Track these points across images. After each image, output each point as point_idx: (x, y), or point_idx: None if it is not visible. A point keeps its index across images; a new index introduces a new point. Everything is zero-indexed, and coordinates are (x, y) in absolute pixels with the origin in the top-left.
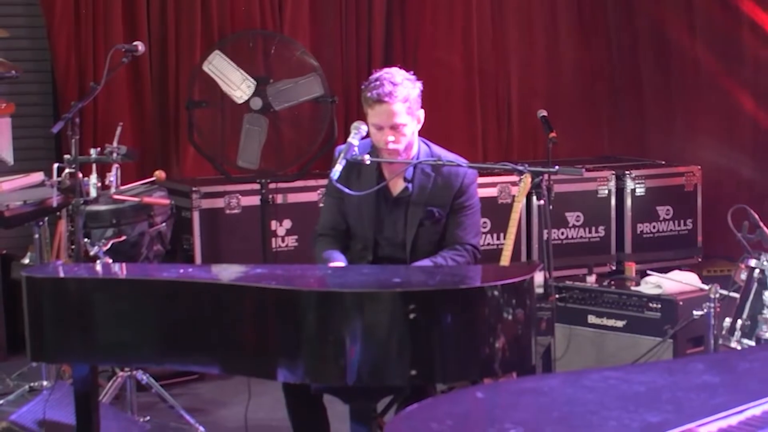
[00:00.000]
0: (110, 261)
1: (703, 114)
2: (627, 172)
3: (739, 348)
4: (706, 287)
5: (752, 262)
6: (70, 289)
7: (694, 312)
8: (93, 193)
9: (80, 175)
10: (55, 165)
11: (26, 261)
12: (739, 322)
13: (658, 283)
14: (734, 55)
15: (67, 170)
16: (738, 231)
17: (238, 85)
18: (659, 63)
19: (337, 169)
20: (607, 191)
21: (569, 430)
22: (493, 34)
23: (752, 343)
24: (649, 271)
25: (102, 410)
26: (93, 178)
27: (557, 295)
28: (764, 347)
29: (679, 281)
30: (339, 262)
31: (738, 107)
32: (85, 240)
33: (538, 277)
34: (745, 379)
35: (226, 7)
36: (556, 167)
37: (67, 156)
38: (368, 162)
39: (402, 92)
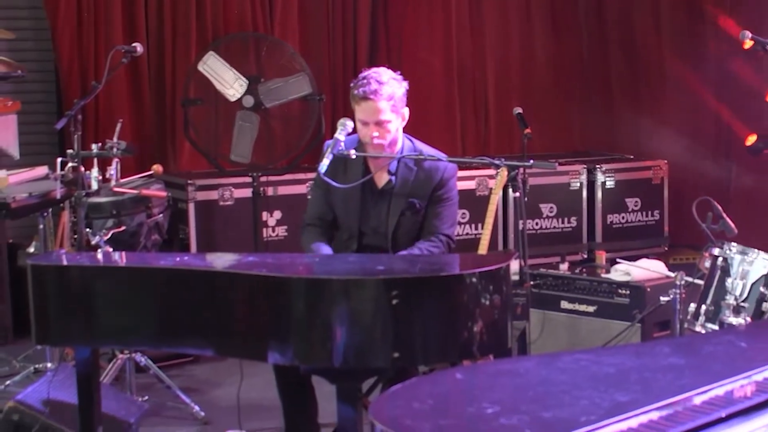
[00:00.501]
0: (110, 250)
1: (669, 111)
2: (597, 166)
3: (703, 332)
4: (672, 274)
5: (716, 251)
6: (73, 276)
7: (661, 298)
8: (94, 185)
9: (82, 168)
10: (59, 159)
11: (31, 250)
12: (704, 307)
13: (627, 271)
14: (698, 56)
15: (69, 164)
16: (702, 221)
17: (231, 84)
18: (628, 63)
19: (324, 163)
20: (578, 184)
21: (543, 409)
22: (471, 36)
23: (716, 327)
24: (618, 259)
25: (103, 390)
26: (94, 172)
27: (532, 282)
28: (727, 331)
29: (647, 269)
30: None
31: (702, 105)
32: (87, 230)
33: (514, 265)
34: (708, 361)
35: (220, 10)
36: (531, 161)
37: (69, 151)
38: (354, 156)
39: (387, 90)
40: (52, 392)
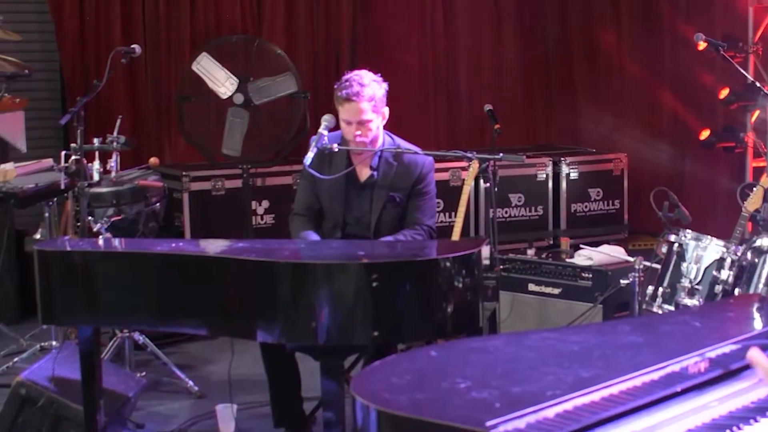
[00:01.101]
0: (111, 236)
1: (628, 107)
2: (562, 159)
3: (660, 312)
4: (631, 259)
5: (672, 237)
6: (76, 260)
7: (621, 281)
8: (96, 177)
9: (85, 161)
10: (63, 152)
11: (37, 236)
12: (661, 289)
13: (590, 256)
14: (655, 57)
15: (73, 157)
16: (659, 210)
17: (223, 83)
18: (590, 62)
19: (309, 156)
20: (545, 175)
21: (512, 384)
22: (445, 38)
23: (671, 308)
24: (581, 245)
25: (104, 367)
26: (96, 164)
27: (501, 266)
28: (682, 312)
29: (608, 254)
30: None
31: (658, 102)
32: (89, 218)
33: (485, 251)
34: (665, 339)
35: (212, 13)
36: (501, 154)
37: (73, 144)
38: (336, 149)
39: (368, 92)
40: (56, 368)
